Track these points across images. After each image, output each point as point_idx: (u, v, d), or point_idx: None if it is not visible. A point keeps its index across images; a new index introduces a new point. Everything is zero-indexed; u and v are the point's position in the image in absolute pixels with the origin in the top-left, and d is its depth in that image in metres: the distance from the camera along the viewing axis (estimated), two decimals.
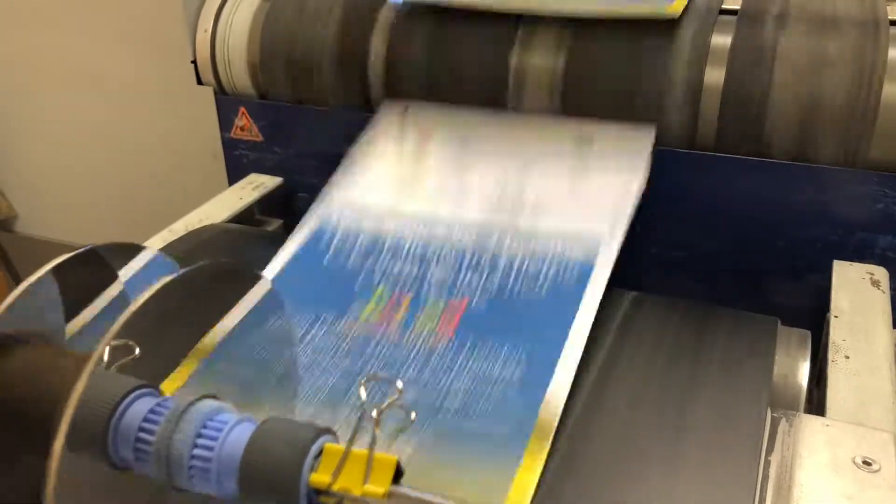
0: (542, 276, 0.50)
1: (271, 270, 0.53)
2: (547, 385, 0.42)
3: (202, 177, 0.78)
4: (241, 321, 0.40)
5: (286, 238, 0.57)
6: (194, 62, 0.73)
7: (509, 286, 0.49)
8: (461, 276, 0.50)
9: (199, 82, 0.74)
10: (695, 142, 0.60)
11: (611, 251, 0.51)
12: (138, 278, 0.41)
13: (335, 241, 0.54)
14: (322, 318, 0.48)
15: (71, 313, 0.37)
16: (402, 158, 0.60)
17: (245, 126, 0.74)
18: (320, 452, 0.30)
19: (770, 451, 0.41)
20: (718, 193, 0.60)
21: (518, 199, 0.55)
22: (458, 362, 0.45)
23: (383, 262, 0.52)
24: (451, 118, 0.62)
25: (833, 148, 0.56)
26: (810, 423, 0.42)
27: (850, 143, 0.56)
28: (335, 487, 0.29)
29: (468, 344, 0.45)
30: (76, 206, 0.88)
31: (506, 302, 0.48)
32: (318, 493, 0.29)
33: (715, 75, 0.58)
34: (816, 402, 0.48)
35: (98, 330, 0.33)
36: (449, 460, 0.39)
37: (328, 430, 0.31)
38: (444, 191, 0.57)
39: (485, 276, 0.50)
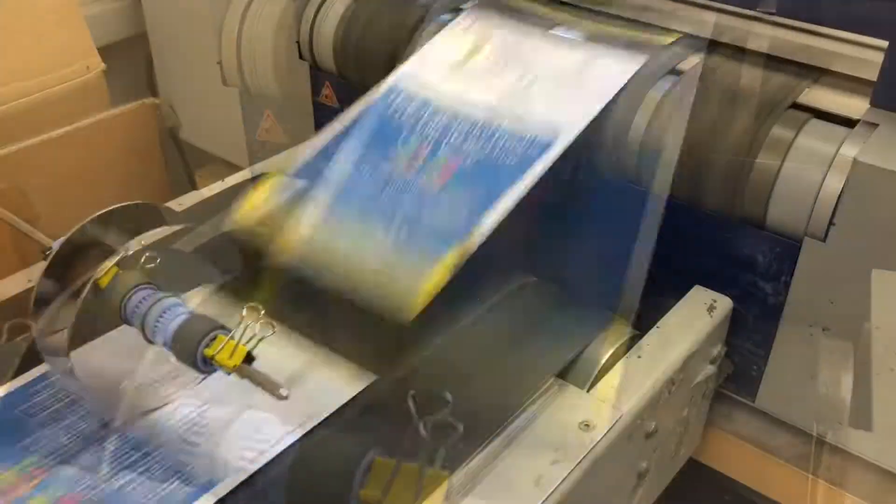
0: (516, 151, 0.71)
1: (353, 109, 0.77)
2: (478, 223, 0.65)
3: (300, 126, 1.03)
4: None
5: None
6: (297, 42, 0.97)
7: (494, 154, 0.71)
8: (466, 143, 0.72)
9: (300, 57, 0.98)
10: (623, 174, 0.77)
11: (569, 136, 0.71)
12: None
13: (397, 101, 0.78)
14: (370, 154, 0.72)
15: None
16: (461, 52, 0.81)
17: (328, 95, 0.98)
18: (214, 338, 0.54)
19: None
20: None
21: (525, 93, 0.76)
22: (438, 202, 0.68)
23: (422, 124, 0.75)
24: (508, 29, 0.83)
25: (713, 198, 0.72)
26: (567, 391, 0.61)
27: (726, 196, 0.71)
28: (213, 357, 0.53)
29: (449, 189, 0.68)
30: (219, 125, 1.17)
31: (486, 164, 0.70)
32: (204, 359, 0.54)
33: (639, 122, 0.74)
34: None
35: None
36: (402, 252, 0.64)
37: (222, 327, 0.55)
38: (479, 80, 0.78)
39: (480, 145, 0.72)
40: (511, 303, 0.71)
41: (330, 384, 0.62)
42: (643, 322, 0.70)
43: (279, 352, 0.59)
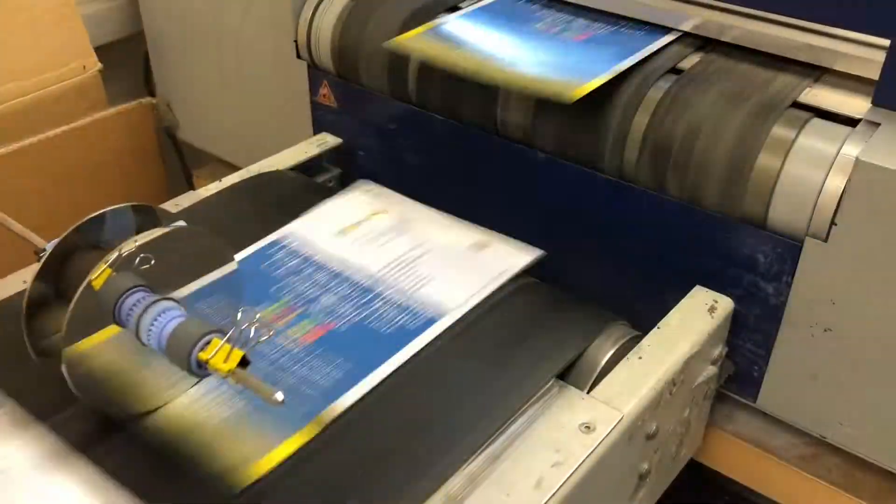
0: (394, 321, 0.68)
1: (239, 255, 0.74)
2: (342, 394, 0.61)
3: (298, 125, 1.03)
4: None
5: (333, 187, 0.88)
6: (295, 41, 0.97)
7: (370, 321, 0.68)
8: (341, 306, 0.70)
9: (298, 56, 0.98)
10: (622, 174, 0.76)
11: (453, 318, 0.68)
12: None
13: (279, 254, 0.76)
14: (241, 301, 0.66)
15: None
16: (357, 217, 0.80)
17: (326, 94, 0.98)
18: (209, 342, 0.54)
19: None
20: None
21: (415, 268, 0.74)
22: (299, 363, 0.64)
23: (298, 283, 0.72)
24: (402, 205, 0.82)
25: (714, 198, 0.71)
26: (567, 392, 0.61)
27: (726, 196, 0.70)
28: (207, 361, 0.53)
29: (316, 353, 0.65)
30: (217, 124, 1.17)
31: (360, 331, 0.67)
32: (199, 364, 0.53)
33: (640, 121, 0.74)
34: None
35: None
36: (244, 423, 0.59)
37: (218, 330, 0.54)
38: (369, 245, 0.77)
39: (357, 309, 0.69)
40: (510, 304, 0.70)
41: None
42: (644, 323, 0.69)
43: None
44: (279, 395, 0.51)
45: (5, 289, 0.69)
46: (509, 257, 0.74)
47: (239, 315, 0.55)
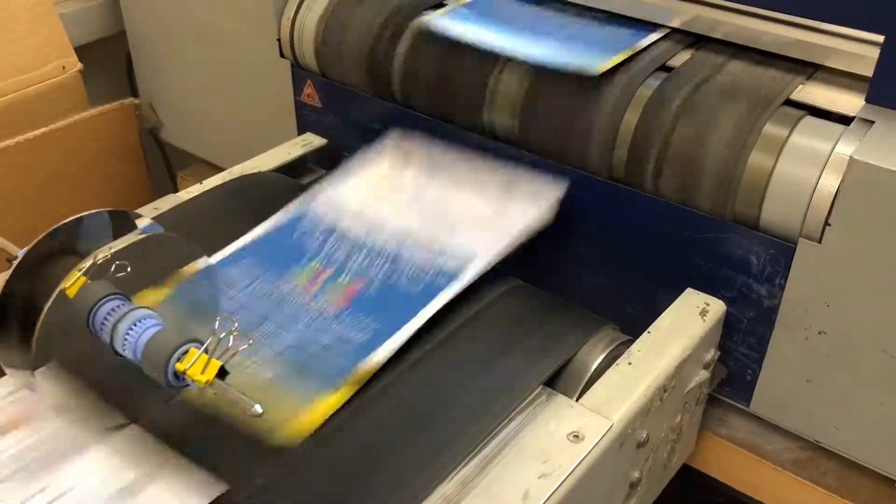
0: (422, 279, 0.69)
1: (259, 228, 0.75)
2: (373, 351, 0.62)
3: (282, 126, 1.01)
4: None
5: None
6: (279, 40, 0.95)
7: (399, 280, 0.69)
8: (370, 266, 0.70)
9: (282, 55, 0.96)
10: (612, 174, 0.75)
11: (475, 270, 0.68)
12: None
13: (305, 224, 0.76)
14: (266, 275, 0.70)
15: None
16: (379, 176, 0.80)
17: (310, 94, 0.96)
18: (186, 352, 0.52)
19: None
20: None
21: (441, 222, 0.74)
22: (333, 325, 0.65)
23: (327, 247, 0.73)
24: (429, 155, 0.80)
25: (705, 198, 0.69)
26: (556, 400, 0.59)
27: (718, 196, 0.69)
28: (185, 371, 0.51)
29: (346, 315, 0.66)
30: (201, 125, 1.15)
31: (390, 290, 0.68)
32: (176, 374, 0.52)
33: (629, 120, 0.72)
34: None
35: None
36: (285, 382, 0.60)
37: (196, 340, 0.53)
38: (391, 206, 0.76)
39: (385, 269, 0.70)
40: (496, 308, 0.69)
41: None
42: (634, 326, 0.68)
43: None
44: (258, 408, 0.49)
45: None
46: (531, 212, 0.73)
47: (217, 324, 0.53)
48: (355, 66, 0.88)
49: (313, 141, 0.94)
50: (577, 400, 0.60)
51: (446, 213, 0.74)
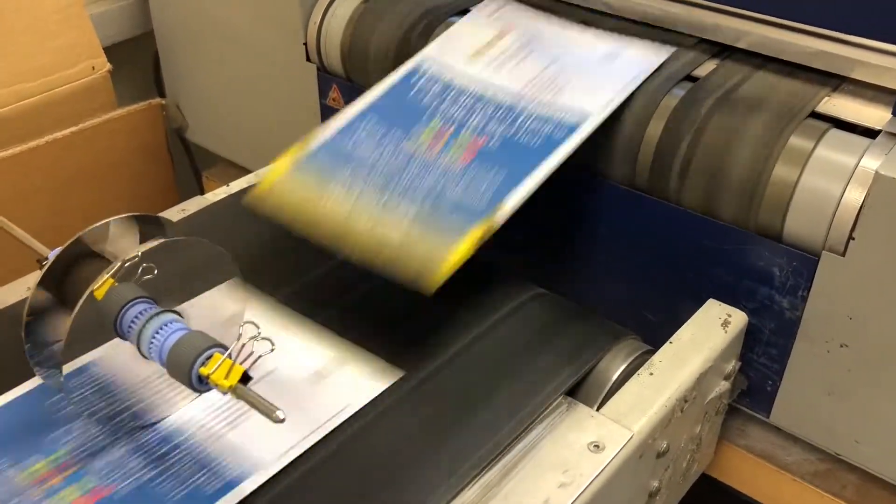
0: (541, 133, 0.71)
1: (376, 89, 0.78)
2: (503, 198, 0.65)
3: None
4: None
5: None
6: (305, 44, 0.96)
7: (518, 136, 0.71)
8: (490, 124, 0.72)
9: (308, 59, 0.97)
10: (635, 183, 0.75)
11: (593, 122, 0.71)
12: None
13: (420, 82, 0.78)
14: (393, 132, 0.73)
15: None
16: (486, 37, 0.82)
17: (335, 98, 0.97)
18: (210, 357, 0.53)
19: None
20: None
21: (552, 81, 0.76)
22: (462, 179, 0.68)
23: (445, 105, 0.75)
24: (533, 19, 0.83)
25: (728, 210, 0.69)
26: (576, 410, 0.59)
27: (741, 208, 0.68)
28: (209, 376, 0.52)
29: (473, 168, 0.68)
30: (226, 127, 1.16)
31: (511, 145, 0.70)
32: (199, 378, 0.52)
33: (654, 129, 0.72)
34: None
35: None
36: (427, 225, 0.64)
37: (220, 344, 0.53)
38: (504, 65, 0.78)
39: (505, 126, 0.72)
40: (518, 316, 0.69)
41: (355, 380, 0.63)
42: (656, 337, 0.68)
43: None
44: (280, 414, 0.50)
45: (8, 296, 0.69)
46: (643, 60, 0.75)
47: (241, 329, 0.54)
48: (381, 71, 0.89)
49: None
50: (597, 410, 0.61)
51: (556, 71, 0.76)
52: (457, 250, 0.61)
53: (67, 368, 0.55)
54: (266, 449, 0.57)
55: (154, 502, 0.55)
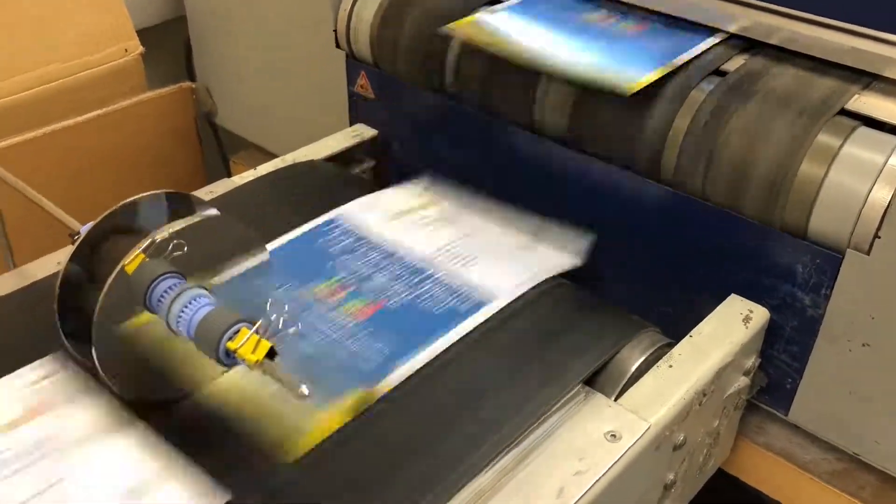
0: (444, 302, 0.69)
1: (287, 236, 0.76)
2: (387, 374, 0.62)
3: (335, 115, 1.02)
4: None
5: (367, 178, 0.90)
6: (335, 31, 0.96)
7: (420, 301, 0.69)
8: (393, 285, 0.70)
9: (337, 46, 0.97)
10: (660, 177, 0.75)
11: (500, 303, 0.68)
12: None
13: (333, 234, 0.77)
14: (290, 282, 0.70)
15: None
16: (411, 204, 0.81)
17: (364, 85, 0.97)
18: (238, 332, 0.54)
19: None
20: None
21: (465, 253, 0.74)
22: (351, 338, 0.65)
23: (351, 261, 0.73)
24: (456, 199, 0.82)
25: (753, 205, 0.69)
26: (594, 399, 0.60)
27: (767, 204, 0.68)
28: (236, 350, 0.53)
29: (368, 329, 0.66)
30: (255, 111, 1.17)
31: (411, 310, 0.68)
32: (227, 352, 0.53)
33: (680, 123, 0.72)
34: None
35: None
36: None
37: (247, 320, 0.54)
38: (421, 229, 0.77)
39: (408, 289, 0.70)
40: (540, 304, 0.70)
41: None
42: (676, 330, 0.68)
43: None
44: (305, 389, 0.51)
45: (40, 270, 0.70)
46: (557, 256, 0.74)
47: (268, 306, 0.55)
48: (409, 59, 0.89)
49: (364, 132, 0.95)
50: (615, 400, 0.61)
51: (473, 248, 0.75)
52: (326, 422, 0.58)
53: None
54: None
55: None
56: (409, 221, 0.78)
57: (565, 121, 0.78)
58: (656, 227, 0.76)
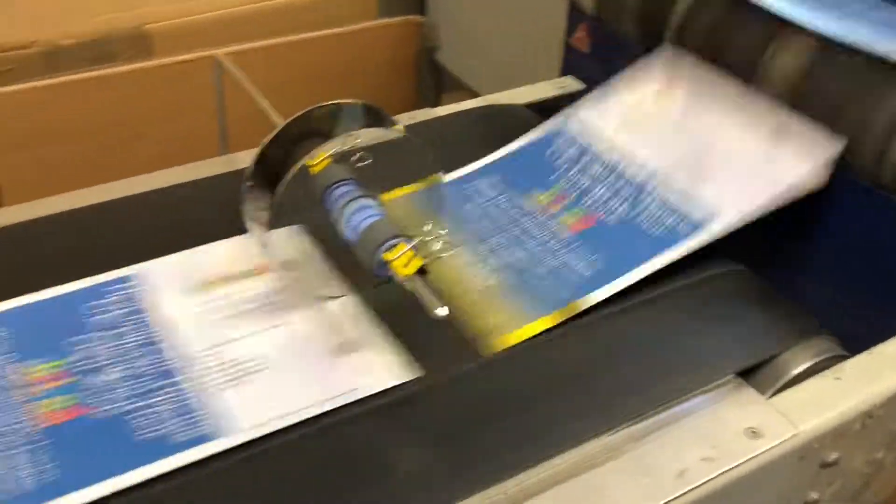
0: (662, 222, 0.67)
1: (509, 147, 0.78)
2: (594, 290, 0.63)
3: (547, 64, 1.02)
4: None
5: None
6: None
7: (637, 219, 0.68)
8: (612, 200, 0.70)
9: None
10: (879, 178, 0.68)
11: (721, 226, 0.65)
12: None
13: (558, 143, 0.77)
14: (510, 190, 0.73)
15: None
16: (638, 102, 0.78)
17: (581, 38, 0.96)
18: (395, 245, 0.56)
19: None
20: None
21: (693, 163, 0.70)
22: (563, 251, 0.66)
23: (574, 170, 0.74)
24: (697, 84, 0.76)
25: None
26: (744, 392, 0.56)
27: None
28: (390, 262, 0.55)
29: (579, 243, 0.67)
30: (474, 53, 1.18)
31: (626, 228, 0.67)
32: (381, 262, 0.55)
33: None
34: None
35: None
36: (502, 294, 0.63)
37: (406, 236, 0.56)
38: (649, 138, 0.74)
39: (626, 205, 0.69)
40: (713, 286, 0.66)
41: None
42: (856, 345, 0.62)
43: None
44: (442, 310, 0.52)
45: (247, 159, 0.75)
46: (797, 171, 0.66)
47: (427, 227, 0.56)
48: (632, 17, 0.86)
49: (571, 84, 0.94)
50: (768, 398, 0.57)
51: (704, 155, 0.70)
52: (527, 328, 0.61)
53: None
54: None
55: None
56: (638, 126, 0.75)
57: (785, 97, 0.72)
58: (860, 231, 0.69)
